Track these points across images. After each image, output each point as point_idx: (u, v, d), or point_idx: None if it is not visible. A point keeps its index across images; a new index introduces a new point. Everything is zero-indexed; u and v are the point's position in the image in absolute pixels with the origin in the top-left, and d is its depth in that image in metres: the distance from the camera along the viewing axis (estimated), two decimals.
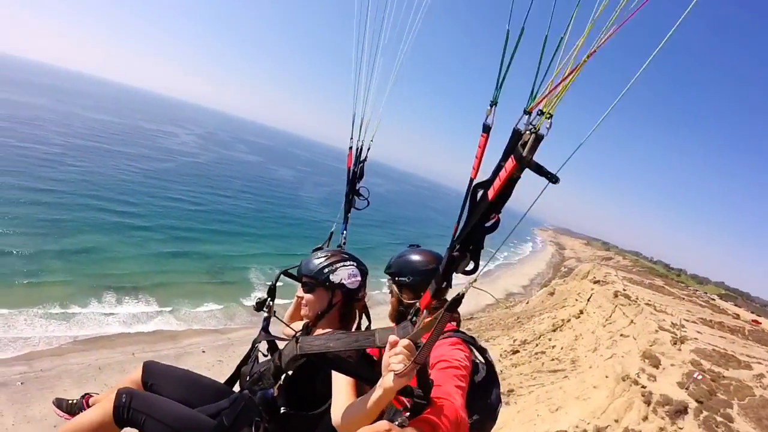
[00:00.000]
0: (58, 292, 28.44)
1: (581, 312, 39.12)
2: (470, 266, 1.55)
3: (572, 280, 63.34)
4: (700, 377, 18.16)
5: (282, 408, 2.31)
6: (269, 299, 2.61)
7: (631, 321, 31.03)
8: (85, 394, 2.96)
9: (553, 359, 34.44)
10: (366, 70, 2.93)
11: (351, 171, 3.71)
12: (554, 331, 39.20)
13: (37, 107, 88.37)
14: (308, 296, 2.51)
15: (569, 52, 1.19)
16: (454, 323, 2.45)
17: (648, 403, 17.22)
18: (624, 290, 38.36)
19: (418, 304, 1.72)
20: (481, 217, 1.41)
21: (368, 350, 2.40)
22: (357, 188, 3.75)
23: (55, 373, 23.03)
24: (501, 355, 38.69)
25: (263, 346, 2.59)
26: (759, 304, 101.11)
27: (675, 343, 22.76)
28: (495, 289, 77.85)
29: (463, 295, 1.56)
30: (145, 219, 43.74)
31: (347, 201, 3.79)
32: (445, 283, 1.64)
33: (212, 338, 33.16)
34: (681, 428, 16.17)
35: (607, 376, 20.09)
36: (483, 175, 1.48)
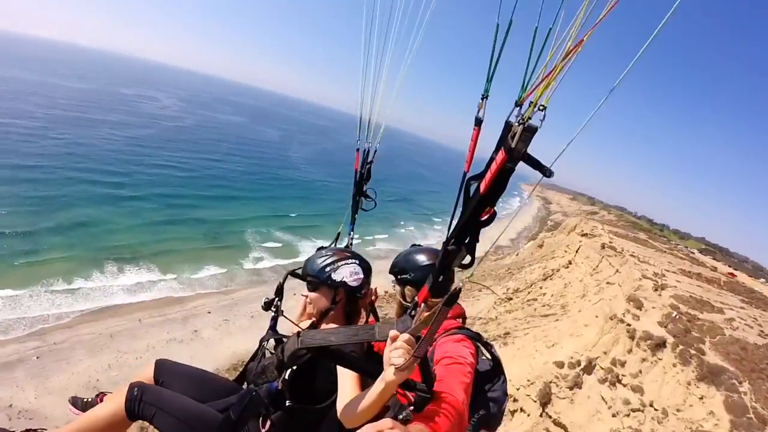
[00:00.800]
0: (60, 268, 28.86)
1: (570, 262, 40.74)
2: (467, 260, 1.56)
3: (560, 233, 64.89)
4: (677, 317, 19.60)
5: (287, 402, 2.35)
6: (277, 299, 2.68)
7: (617, 270, 32.56)
8: (100, 393, 3.06)
9: (544, 305, 36.21)
10: (373, 74, 2.88)
11: (358, 173, 3.70)
12: (545, 280, 40.95)
13: (9, 80, 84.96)
14: (312, 295, 2.56)
15: (559, 43, 1.19)
16: (459, 320, 2.46)
17: (632, 338, 18.59)
18: (610, 243, 39.79)
19: (416, 298, 1.74)
20: (475, 210, 1.42)
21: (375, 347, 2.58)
22: (364, 190, 3.73)
23: (68, 345, 23.84)
24: (495, 303, 40.61)
25: (271, 344, 2.60)
26: (737, 259, 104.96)
27: (656, 290, 24.16)
28: (483, 241, 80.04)
29: (460, 289, 1.54)
30: (135, 188, 43.57)
31: (354, 202, 3.77)
32: (441, 276, 1.65)
33: (216, 299, 34.22)
34: (660, 359, 17.56)
35: (596, 316, 21.68)
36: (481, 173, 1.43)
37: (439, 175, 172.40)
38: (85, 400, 2.86)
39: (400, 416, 1.84)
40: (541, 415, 17.37)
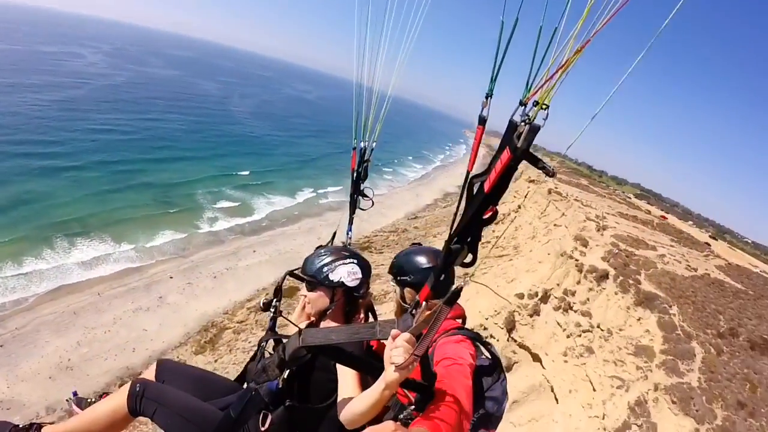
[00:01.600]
0: (7, 251, 27.45)
1: (519, 207, 43.22)
2: (468, 259, 1.56)
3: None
4: (618, 253, 21.93)
5: (287, 401, 2.36)
6: (275, 299, 2.70)
7: (563, 213, 35.10)
8: (104, 393, 3.09)
9: (497, 247, 38.69)
10: (369, 68, 2.86)
11: (355, 172, 3.66)
12: (497, 224, 43.17)
13: None
14: (310, 295, 2.57)
15: (564, 43, 1.19)
16: (459, 320, 2.47)
17: (580, 271, 20.74)
18: (556, 188, 42.30)
19: (417, 297, 1.75)
20: (478, 209, 1.42)
21: (374, 346, 2.59)
22: (362, 189, 3.70)
23: (31, 328, 23.17)
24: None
25: (270, 345, 2.60)
26: (668, 204, 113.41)
27: (599, 230, 26.54)
28: (432, 189, 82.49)
29: (461, 288, 1.55)
30: (73, 157, 40.95)
31: (352, 201, 3.73)
32: (443, 276, 1.66)
33: (176, 264, 34.00)
34: (604, 288, 19.84)
35: (549, 254, 23.89)
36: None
37: (387, 124, 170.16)
38: (88, 400, 2.87)
39: (401, 416, 1.90)
40: (507, 340, 19.62)
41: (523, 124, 1.20)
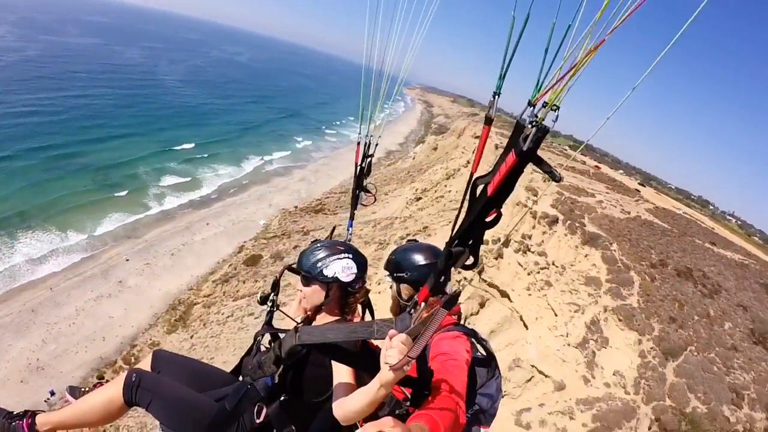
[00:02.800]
0: None
1: (468, 162, 45.12)
2: (470, 261, 1.54)
3: (450, 135, 69.20)
4: (564, 200, 24.30)
5: (282, 395, 2.37)
6: (273, 293, 2.68)
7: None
8: (97, 381, 3.57)
9: (451, 200, 40.71)
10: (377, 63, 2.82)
11: (359, 166, 3.61)
12: (448, 179, 45.20)
13: None
14: (306, 290, 2.55)
15: (577, 42, 1.13)
16: (455, 317, 2.47)
17: (534, 217, 22.94)
18: (501, 144, 44.57)
19: (416, 297, 1.74)
20: (481, 212, 1.39)
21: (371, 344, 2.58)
22: (364, 184, 3.65)
23: None
24: (407, 203, 44.39)
25: (266, 339, 2.61)
26: (599, 153, 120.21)
27: (545, 181, 28.87)
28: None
29: (459, 292, 1.54)
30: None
31: (354, 197, 3.68)
32: (443, 277, 1.66)
33: (130, 246, 33.40)
34: (555, 231, 22.14)
35: (505, 203, 25.93)
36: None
37: (325, 85, 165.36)
38: (82, 389, 2.84)
39: (397, 411, 1.92)
40: (479, 281, 21.71)
41: (530, 126, 1.16)
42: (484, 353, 2.39)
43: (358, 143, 3.59)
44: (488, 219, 1.43)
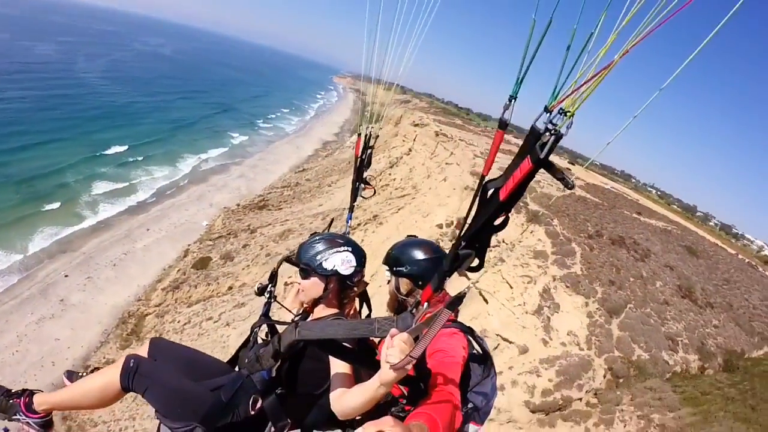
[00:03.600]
0: None
1: (410, 150, 46.29)
2: (475, 263, 1.54)
3: (387, 123, 70.35)
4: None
5: (279, 389, 2.37)
6: (270, 285, 2.69)
7: (452, 153, 38.89)
8: (95, 366, 3.35)
9: (396, 188, 41.61)
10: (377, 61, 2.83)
11: (359, 159, 3.59)
12: (391, 167, 46.17)
13: None
14: (304, 283, 2.53)
15: (599, 50, 1.10)
16: (452, 314, 2.32)
17: None
18: (441, 131, 46.03)
19: (419, 296, 1.74)
20: (492, 216, 1.40)
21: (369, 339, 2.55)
22: (365, 176, 3.64)
23: None
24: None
25: (263, 331, 2.59)
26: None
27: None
28: (311, 140, 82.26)
29: (464, 294, 1.56)
30: None
31: (354, 189, 3.65)
32: (447, 278, 1.68)
33: (67, 260, 31.43)
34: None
35: (454, 189, 27.31)
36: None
37: (256, 77, 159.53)
38: (81, 374, 2.86)
39: (393, 409, 1.94)
40: None
41: (548, 133, 1.16)
42: (481, 351, 2.38)
43: (359, 135, 3.61)
44: (497, 222, 1.44)
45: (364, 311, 2.86)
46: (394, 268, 2.64)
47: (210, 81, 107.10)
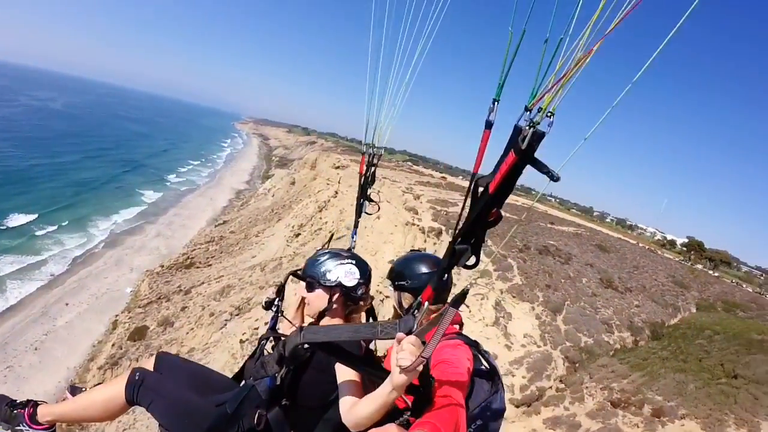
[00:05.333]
0: None
1: (337, 192, 48.00)
2: (471, 261, 1.57)
3: (302, 168, 71.39)
4: (439, 213, 28.98)
5: (284, 400, 2.37)
6: (277, 299, 2.74)
7: (379, 191, 41.38)
8: (99, 382, 4.12)
9: (330, 231, 42.68)
10: (380, 79, 2.91)
11: (363, 176, 3.69)
12: (321, 211, 47.32)
13: None
14: (309, 295, 2.55)
15: (569, 52, 1.23)
16: (457, 326, 2.46)
17: (423, 232, 26.67)
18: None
19: (419, 297, 1.74)
20: (483, 209, 1.43)
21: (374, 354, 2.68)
22: (368, 193, 3.74)
23: None
24: (287, 241, 44.55)
25: (270, 344, 2.54)
26: (432, 163, 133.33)
27: (416, 198, 33.42)
28: (224, 190, 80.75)
29: (467, 290, 1.57)
30: None
31: (358, 206, 3.76)
32: (446, 275, 1.71)
33: None
34: (443, 240, 26.08)
35: (396, 225, 29.19)
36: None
37: (158, 130, 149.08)
38: (83, 389, 2.86)
39: (397, 421, 1.93)
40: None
41: (527, 128, 1.25)
42: (487, 366, 2.35)
43: (363, 154, 3.66)
44: (489, 219, 1.46)
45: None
46: (396, 283, 2.65)
47: (113, 137, 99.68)
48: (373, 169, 3.71)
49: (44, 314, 32.96)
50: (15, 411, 2.53)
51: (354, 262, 2.57)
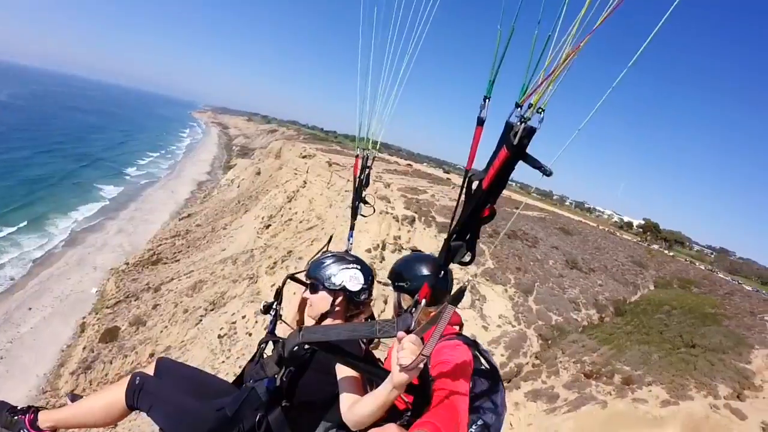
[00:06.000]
0: None
1: (305, 182, 47.70)
2: (467, 258, 1.57)
3: (267, 157, 70.20)
4: (411, 201, 29.64)
5: (284, 401, 2.37)
6: (276, 302, 2.73)
7: (348, 180, 41.44)
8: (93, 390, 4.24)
9: (301, 221, 42.21)
10: (371, 80, 2.82)
11: (357, 179, 3.74)
12: (290, 201, 46.91)
13: None
14: (312, 297, 2.57)
15: (558, 48, 1.24)
16: (457, 327, 2.46)
17: (397, 220, 27.39)
18: (332, 160, 48.37)
19: (417, 296, 1.73)
20: (477, 205, 1.44)
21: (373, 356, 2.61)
22: (363, 196, 3.77)
23: None
24: (257, 232, 43.96)
25: (269, 348, 2.56)
26: (395, 149, 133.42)
27: (387, 187, 33.90)
28: (185, 182, 78.50)
29: (465, 288, 1.57)
30: None
31: (354, 208, 3.78)
32: (447, 276, 1.75)
33: None
34: (416, 228, 26.94)
35: (371, 214, 29.85)
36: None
37: (113, 121, 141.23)
38: (83, 397, 2.84)
39: (398, 421, 1.94)
40: (375, 285, 25.93)
41: (518, 123, 1.26)
42: (488, 366, 2.36)
43: (357, 156, 3.66)
44: (484, 215, 1.47)
45: None
46: (396, 284, 2.65)
47: (65, 130, 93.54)
48: (367, 171, 3.63)
49: (7, 321, 31.55)
50: (16, 417, 2.54)
51: (359, 267, 2.60)
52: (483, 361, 2.32)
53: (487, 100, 1.46)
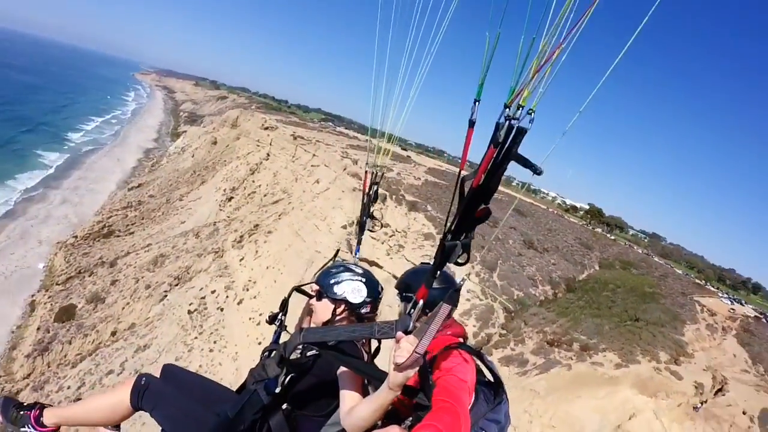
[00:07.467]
0: None
1: (268, 155, 47.27)
2: (463, 258, 1.61)
3: (222, 126, 68.16)
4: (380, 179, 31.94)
5: (285, 405, 2.40)
6: (281, 313, 2.78)
7: (313, 155, 41.61)
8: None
9: (266, 195, 41.94)
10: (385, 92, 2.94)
11: (366, 195, 3.75)
12: (253, 174, 46.42)
13: None
14: (316, 304, 2.59)
15: (543, 51, 1.30)
16: (460, 338, 2.44)
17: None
18: (296, 133, 47.94)
19: (414, 296, 1.76)
20: (469, 204, 1.46)
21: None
22: (371, 211, 3.79)
23: None
24: (220, 206, 43.66)
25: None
26: (347, 122, 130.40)
27: (355, 163, 34.77)
28: (131, 150, 75.94)
29: (460, 287, 1.65)
30: None
31: (362, 223, 3.82)
32: (438, 272, 1.74)
33: None
34: (388, 206, 28.22)
35: (343, 191, 30.68)
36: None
37: (52, 80, 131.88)
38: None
39: (402, 425, 1.97)
40: (352, 259, 27.25)
41: (504, 119, 1.29)
42: (492, 378, 2.35)
43: (366, 172, 3.70)
44: (478, 216, 1.49)
45: (374, 343, 2.67)
46: (404, 294, 2.66)
47: (1, 90, 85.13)
48: (376, 187, 3.71)
49: None
50: (21, 413, 2.57)
51: (364, 280, 2.59)
52: (486, 372, 2.34)
53: (477, 103, 1.51)
